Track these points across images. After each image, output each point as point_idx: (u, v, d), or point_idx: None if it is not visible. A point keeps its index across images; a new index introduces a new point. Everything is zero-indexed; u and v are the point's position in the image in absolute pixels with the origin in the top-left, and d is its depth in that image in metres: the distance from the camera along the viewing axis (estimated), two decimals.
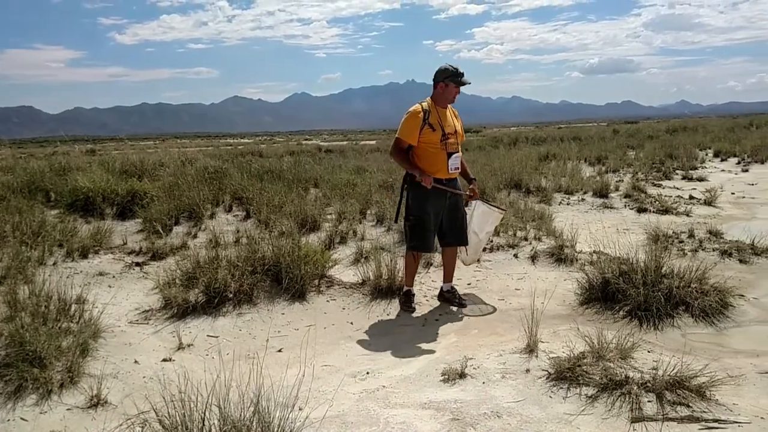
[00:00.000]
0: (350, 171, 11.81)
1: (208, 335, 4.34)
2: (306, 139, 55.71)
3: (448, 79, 4.68)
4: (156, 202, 7.32)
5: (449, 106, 4.85)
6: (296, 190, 8.49)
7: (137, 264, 5.75)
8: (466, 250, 5.11)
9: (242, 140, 64.22)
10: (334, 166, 12.81)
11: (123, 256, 5.99)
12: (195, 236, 6.71)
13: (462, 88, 4.78)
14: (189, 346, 4.13)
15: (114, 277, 5.46)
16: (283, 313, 4.75)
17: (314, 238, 6.56)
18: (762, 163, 15.75)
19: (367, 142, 39.13)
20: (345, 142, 41.14)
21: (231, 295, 4.75)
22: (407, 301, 4.95)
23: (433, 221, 4.77)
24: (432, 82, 4.78)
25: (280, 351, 4.09)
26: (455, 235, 4.94)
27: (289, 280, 4.96)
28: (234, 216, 7.58)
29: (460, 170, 4.87)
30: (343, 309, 4.90)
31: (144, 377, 3.60)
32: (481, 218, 5.06)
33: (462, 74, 4.69)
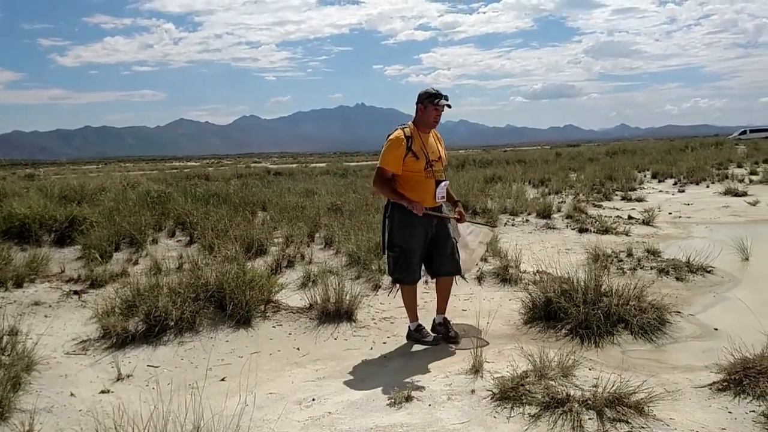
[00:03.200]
0: (299, 194, 11.76)
1: (148, 365, 4.20)
2: (255, 162, 55.22)
3: (427, 100, 4.43)
4: (96, 228, 7.12)
5: (432, 130, 4.60)
6: (243, 214, 8.40)
7: (75, 292, 5.57)
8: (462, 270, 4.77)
9: (189, 163, 63.23)
10: (283, 189, 12.74)
11: (60, 284, 5.80)
12: (136, 263, 6.55)
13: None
14: (128, 376, 3.99)
15: (50, 306, 5.27)
16: (227, 341, 4.64)
17: (261, 263, 6.48)
18: (697, 184, 16.44)
19: (317, 164, 39.11)
20: (295, 165, 41.00)
21: (172, 323, 4.61)
22: (422, 335, 4.62)
23: (419, 252, 4.49)
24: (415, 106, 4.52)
25: (223, 380, 3.98)
26: (447, 264, 4.59)
27: (233, 306, 4.86)
28: (177, 241, 7.44)
29: (445, 199, 4.65)
30: (290, 334, 4.83)
31: (80, 410, 3.46)
32: (472, 236, 4.84)
33: (441, 96, 4.44)
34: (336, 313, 5.07)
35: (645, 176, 18.78)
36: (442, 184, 4.52)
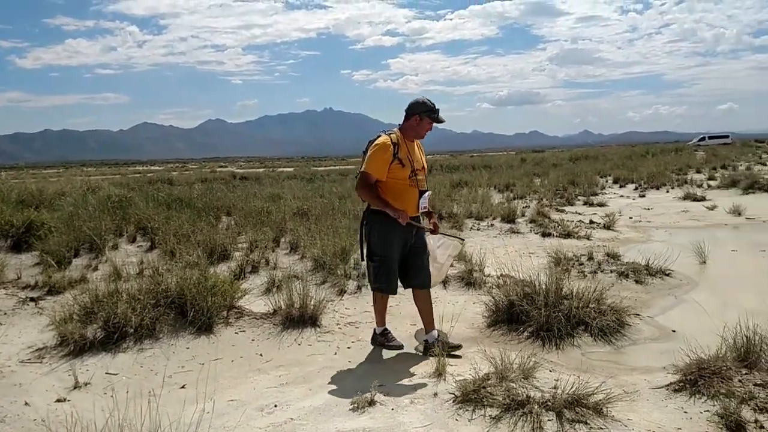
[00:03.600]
0: (265, 198, 11.67)
1: (106, 373, 4.10)
2: (221, 167, 54.66)
3: (425, 113, 4.36)
4: (54, 233, 6.95)
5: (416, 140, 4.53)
6: (206, 219, 8.29)
7: (32, 299, 5.42)
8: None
9: (152, 167, 62.35)
10: (249, 194, 12.62)
11: (17, 291, 5.65)
12: (95, 269, 6.41)
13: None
14: (86, 384, 3.90)
15: (5, 313, 5.13)
16: (188, 348, 4.56)
17: (224, 268, 6.40)
18: (657, 189, 16.83)
19: (285, 169, 38.89)
20: (262, 170, 40.71)
21: (132, 330, 4.52)
22: (387, 339, 4.60)
23: (397, 261, 4.42)
24: (404, 113, 4.43)
25: (183, 387, 3.91)
26: (421, 275, 4.49)
27: (194, 313, 4.77)
28: (138, 247, 7.30)
29: (427, 209, 4.61)
30: (253, 340, 4.78)
31: (34, 420, 3.37)
32: (442, 249, 4.81)
33: (438, 111, 4.41)
34: (300, 319, 5.02)
35: (607, 181, 19.18)
36: (426, 194, 4.47)
